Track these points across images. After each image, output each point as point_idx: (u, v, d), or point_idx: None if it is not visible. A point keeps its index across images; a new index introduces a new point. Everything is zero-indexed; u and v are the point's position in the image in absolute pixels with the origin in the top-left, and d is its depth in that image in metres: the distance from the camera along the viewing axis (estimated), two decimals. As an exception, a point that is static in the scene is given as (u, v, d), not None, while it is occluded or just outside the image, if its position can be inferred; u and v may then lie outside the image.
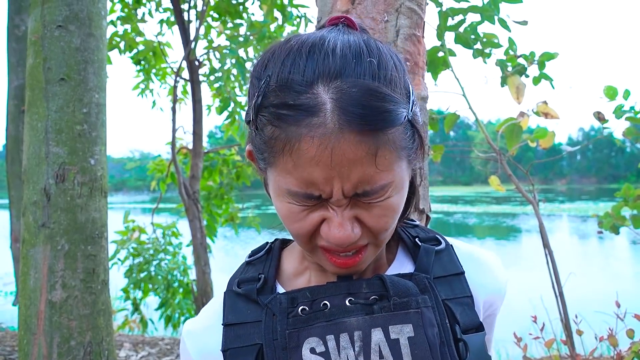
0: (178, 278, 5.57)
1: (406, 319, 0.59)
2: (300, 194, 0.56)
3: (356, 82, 0.53)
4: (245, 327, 0.63)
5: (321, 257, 0.62)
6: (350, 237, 0.57)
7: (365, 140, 0.52)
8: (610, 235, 2.92)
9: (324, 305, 0.61)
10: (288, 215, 0.59)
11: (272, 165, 0.57)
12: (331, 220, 0.57)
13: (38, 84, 1.96)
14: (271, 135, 0.55)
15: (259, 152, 0.59)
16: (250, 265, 0.72)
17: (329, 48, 0.55)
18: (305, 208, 0.58)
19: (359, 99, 0.52)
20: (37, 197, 1.91)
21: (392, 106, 0.53)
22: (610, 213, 2.88)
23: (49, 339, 1.86)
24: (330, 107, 0.52)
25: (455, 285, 0.66)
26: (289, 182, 0.56)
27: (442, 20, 2.15)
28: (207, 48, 5.15)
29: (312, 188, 0.55)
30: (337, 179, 0.54)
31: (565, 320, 2.40)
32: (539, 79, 2.37)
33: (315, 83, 0.53)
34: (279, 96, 0.54)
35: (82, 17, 1.99)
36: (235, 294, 0.67)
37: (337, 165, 0.52)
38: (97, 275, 1.97)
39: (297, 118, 0.53)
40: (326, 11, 1.21)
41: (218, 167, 5.88)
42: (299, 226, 0.59)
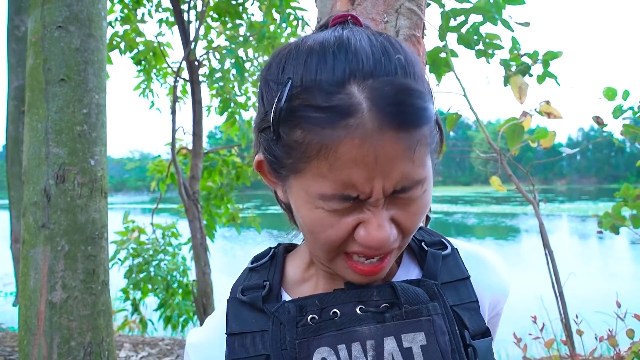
0: (177, 279, 5.57)
1: (418, 327, 0.58)
2: (337, 197, 0.54)
3: (390, 81, 0.52)
4: (249, 336, 0.61)
5: (343, 265, 0.60)
6: (390, 238, 0.55)
7: (403, 137, 0.52)
8: (610, 235, 2.92)
9: (333, 314, 0.59)
10: (318, 223, 0.56)
11: (300, 172, 0.55)
12: (369, 223, 0.55)
13: (38, 84, 1.96)
14: (301, 140, 0.52)
15: (279, 159, 0.57)
16: (254, 271, 0.69)
17: (354, 46, 0.54)
18: (337, 214, 0.55)
19: (394, 98, 0.51)
20: (37, 197, 1.91)
21: (424, 103, 0.53)
22: (610, 213, 2.88)
23: (49, 339, 1.86)
24: (367, 107, 0.51)
25: (462, 291, 0.65)
26: (323, 186, 0.53)
27: (444, 21, 2.15)
28: (206, 48, 5.15)
29: (351, 189, 0.53)
30: (378, 178, 0.52)
31: (565, 320, 2.41)
32: (544, 77, 2.37)
33: (347, 83, 0.52)
34: (307, 99, 0.52)
35: (82, 18, 1.99)
36: (239, 302, 0.64)
37: (380, 164, 0.52)
38: (97, 276, 1.97)
39: (332, 120, 0.51)
40: (326, 12, 1.21)
41: (218, 168, 5.87)
42: (331, 233, 0.56)
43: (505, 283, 0.72)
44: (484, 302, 0.68)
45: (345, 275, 0.61)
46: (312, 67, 0.53)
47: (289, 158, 0.55)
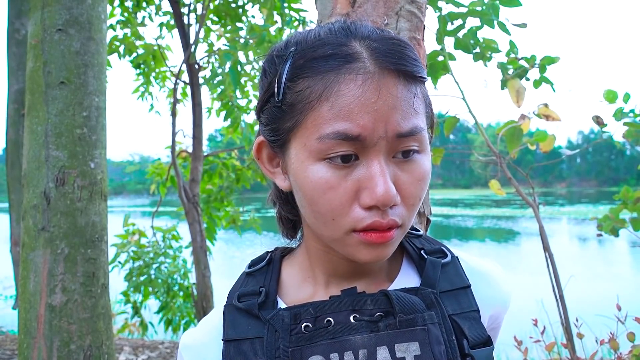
0: (178, 281, 5.56)
1: (412, 337, 0.58)
2: (337, 135, 0.53)
3: (385, 37, 0.58)
4: (246, 343, 0.61)
5: (352, 242, 0.58)
6: (392, 192, 0.54)
7: (402, 81, 0.55)
8: (610, 238, 2.92)
9: (327, 322, 0.59)
10: (321, 184, 0.56)
11: (301, 126, 0.56)
12: (373, 176, 0.54)
13: (38, 87, 1.96)
14: (305, 88, 0.55)
15: (281, 123, 0.58)
16: (251, 276, 0.69)
17: (354, 23, 0.60)
18: (336, 172, 0.55)
19: (390, 48, 0.56)
20: (37, 200, 1.91)
21: (417, 57, 0.58)
22: (610, 216, 2.88)
23: (48, 342, 1.85)
24: (367, 55, 0.55)
25: (462, 300, 0.64)
26: (326, 128, 0.54)
27: (441, 25, 2.15)
28: (207, 52, 5.16)
29: (352, 127, 0.53)
30: (380, 115, 0.54)
31: (565, 323, 2.40)
32: (540, 82, 2.38)
33: (349, 41, 0.56)
34: (311, 55, 0.56)
35: (82, 21, 2.00)
36: (235, 309, 0.64)
37: (382, 100, 0.54)
38: (97, 279, 1.97)
39: (335, 65, 0.55)
40: (326, 14, 1.21)
41: (218, 171, 5.87)
42: (333, 196, 0.56)
43: (506, 295, 0.72)
44: (485, 314, 0.67)
45: (354, 253, 0.59)
46: (316, 33, 0.59)
47: (291, 115, 0.57)
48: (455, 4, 2.10)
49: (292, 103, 0.56)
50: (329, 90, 0.54)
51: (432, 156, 0.64)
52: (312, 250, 0.68)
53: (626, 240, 12.33)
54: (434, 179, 0.64)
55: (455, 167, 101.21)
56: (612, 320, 2.17)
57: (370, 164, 0.55)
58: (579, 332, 2.27)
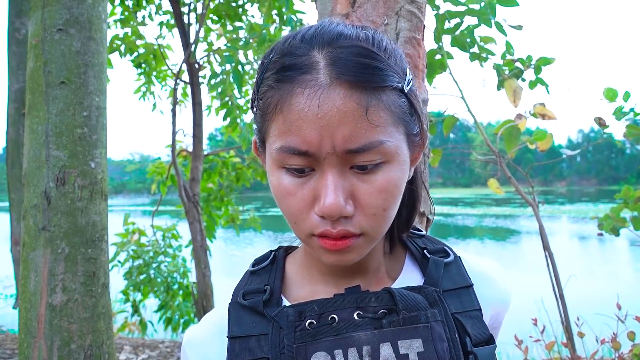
0: (178, 280, 5.56)
1: (415, 334, 0.58)
2: (290, 150, 0.55)
3: (349, 44, 0.55)
4: (250, 340, 0.62)
5: (315, 245, 0.60)
6: (339, 205, 0.54)
7: (356, 94, 0.53)
8: (610, 237, 2.92)
9: (331, 319, 0.60)
10: (280, 189, 0.58)
11: (267, 135, 0.58)
12: (322, 188, 0.55)
13: (38, 87, 1.96)
14: (269, 99, 0.57)
15: (258, 129, 0.61)
16: (255, 275, 0.70)
17: (326, 25, 0.59)
18: (296, 181, 0.57)
19: (350, 57, 0.54)
20: (38, 200, 1.91)
21: (382, 65, 0.55)
22: (610, 215, 2.88)
23: (49, 342, 1.86)
24: (323, 64, 0.54)
25: (465, 298, 0.65)
26: (280, 139, 0.56)
27: (439, 23, 2.15)
28: (207, 51, 5.16)
29: (300, 143, 0.54)
30: (326, 131, 0.53)
31: (566, 322, 2.40)
32: (535, 83, 2.38)
33: (312, 49, 0.56)
34: (276, 64, 0.57)
35: (83, 21, 2.00)
36: (240, 306, 0.65)
37: (325, 115, 0.53)
38: (98, 279, 1.97)
39: (291, 76, 0.55)
40: (326, 14, 1.21)
41: (218, 170, 5.87)
42: (291, 202, 0.58)
43: (506, 295, 0.73)
44: (486, 313, 0.68)
45: (319, 255, 0.61)
46: (286, 40, 0.58)
47: (262, 121, 0.59)
48: (453, 2, 2.10)
49: (261, 111, 0.59)
50: (282, 102, 0.55)
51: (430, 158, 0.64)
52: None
53: (626, 239, 12.33)
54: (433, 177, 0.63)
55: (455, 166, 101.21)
56: (612, 319, 2.17)
57: (322, 175, 0.56)
58: (579, 331, 2.27)
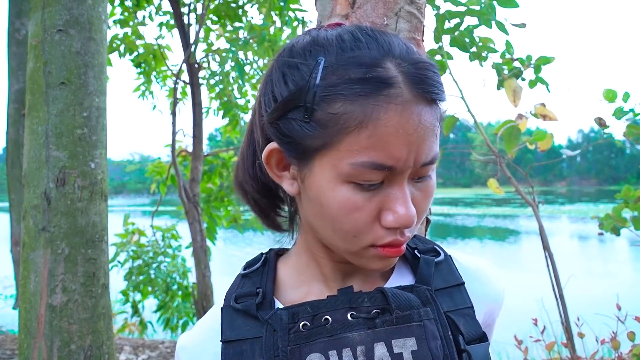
0: (177, 281, 5.56)
1: (409, 333, 0.59)
2: (372, 165, 0.54)
3: (415, 59, 0.57)
4: (244, 343, 0.62)
5: (369, 254, 0.60)
6: (414, 214, 0.57)
7: (432, 110, 0.57)
8: (610, 237, 2.92)
9: (325, 320, 0.60)
10: (347, 205, 0.56)
11: (332, 147, 0.55)
12: (397, 199, 0.57)
13: (38, 87, 1.96)
14: (341, 111, 0.54)
15: (305, 140, 0.56)
16: (247, 278, 0.69)
17: (380, 35, 0.59)
18: (362, 194, 0.56)
19: (423, 73, 0.56)
20: (38, 201, 1.91)
21: (441, 81, 0.59)
22: (611, 214, 2.88)
23: (49, 342, 1.86)
24: (402, 80, 0.55)
25: (456, 297, 0.66)
26: (359, 155, 0.54)
27: (439, 24, 2.15)
28: (206, 51, 5.16)
29: (387, 158, 0.54)
30: (414, 146, 0.55)
31: (566, 322, 2.40)
32: (535, 82, 2.38)
33: (382, 60, 0.55)
34: (345, 73, 0.54)
35: (83, 22, 2.00)
36: (233, 310, 0.65)
37: (415, 131, 0.54)
38: (97, 279, 1.97)
39: (373, 90, 0.53)
40: (325, 15, 1.21)
41: (218, 170, 5.87)
42: (358, 217, 0.57)
43: (499, 293, 0.73)
44: (479, 311, 0.68)
45: (368, 264, 0.61)
46: (346, 47, 0.56)
47: (322, 134, 0.55)
48: (454, 2, 2.10)
49: (324, 123, 0.55)
50: (368, 118, 0.53)
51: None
52: (309, 251, 0.68)
53: (626, 239, 12.32)
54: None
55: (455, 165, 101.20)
56: (612, 319, 2.17)
57: (395, 188, 0.57)
58: (579, 331, 2.27)
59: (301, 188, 0.62)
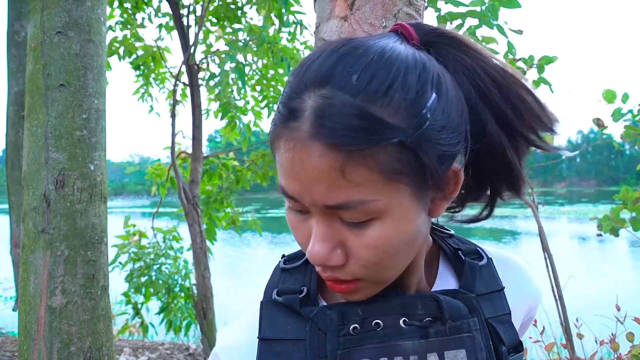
0: (179, 282, 5.56)
1: (460, 344, 0.56)
2: (283, 191, 0.54)
3: (336, 95, 0.50)
4: (284, 344, 0.58)
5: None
6: (322, 256, 0.53)
7: (333, 153, 0.49)
8: (609, 238, 2.92)
9: (376, 325, 0.57)
10: (289, 221, 0.57)
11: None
12: (312, 233, 0.54)
13: (38, 90, 1.96)
14: (270, 131, 0.56)
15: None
16: (287, 273, 0.65)
17: (333, 49, 0.53)
18: (299, 216, 0.55)
19: (333, 112, 0.49)
20: (37, 202, 1.91)
21: (366, 124, 0.48)
22: (610, 216, 2.88)
23: (48, 344, 1.86)
24: (308, 114, 0.50)
25: (497, 303, 0.64)
26: (280, 179, 0.54)
27: (440, 25, 2.15)
28: (205, 52, 5.16)
29: (288, 188, 0.53)
30: (304, 185, 0.51)
31: (565, 323, 2.40)
32: (538, 83, 2.38)
33: (307, 89, 0.51)
34: (283, 95, 0.55)
35: (82, 24, 2.00)
36: (274, 305, 0.61)
37: (302, 171, 0.50)
38: (97, 281, 1.97)
39: (282, 119, 0.52)
40: (324, 17, 1.21)
41: (218, 171, 5.87)
42: (297, 235, 0.57)
43: (538, 288, 0.73)
44: (521, 309, 0.67)
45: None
46: (303, 67, 0.54)
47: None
48: (455, 3, 2.11)
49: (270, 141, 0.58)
50: (274, 145, 0.54)
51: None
52: None
53: (626, 240, 12.32)
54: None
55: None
56: (611, 320, 2.17)
57: (313, 221, 0.54)
58: (579, 332, 2.27)
59: None
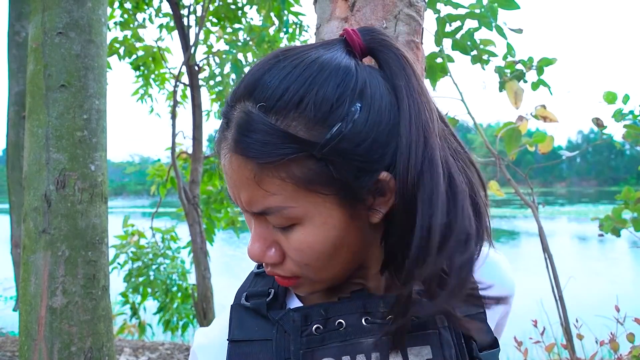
0: (177, 282, 5.56)
1: (425, 341, 0.58)
2: (228, 195, 0.60)
3: (249, 110, 0.54)
4: (252, 344, 0.60)
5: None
6: (257, 253, 0.58)
7: (247, 165, 0.54)
8: (610, 238, 2.92)
9: (339, 324, 0.59)
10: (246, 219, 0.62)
11: None
12: (251, 233, 0.59)
13: (38, 90, 1.96)
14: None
15: None
16: (260, 277, 0.68)
17: (271, 63, 0.56)
18: (246, 212, 0.60)
19: (249, 127, 0.53)
20: (38, 203, 1.91)
21: (275, 139, 0.52)
22: (611, 216, 2.88)
23: (49, 344, 1.86)
24: (233, 126, 0.55)
25: (470, 302, 0.64)
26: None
27: (439, 27, 2.16)
28: (206, 53, 5.17)
29: (229, 193, 0.59)
30: (235, 193, 0.57)
31: (565, 324, 2.40)
32: (537, 84, 2.38)
33: (238, 99, 0.55)
34: (225, 103, 0.59)
35: (83, 24, 2.00)
36: (243, 308, 0.64)
37: (231, 178, 0.56)
38: (98, 281, 1.98)
39: (220, 127, 0.58)
40: (325, 18, 1.21)
41: (218, 172, 5.87)
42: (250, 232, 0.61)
43: (511, 281, 0.73)
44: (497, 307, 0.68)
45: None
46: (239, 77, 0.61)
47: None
48: (454, 5, 2.11)
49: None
50: (216, 148, 0.59)
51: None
52: None
53: (626, 240, 12.32)
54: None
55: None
56: (612, 320, 2.17)
57: (252, 222, 0.59)
58: (579, 333, 2.27)
59: None
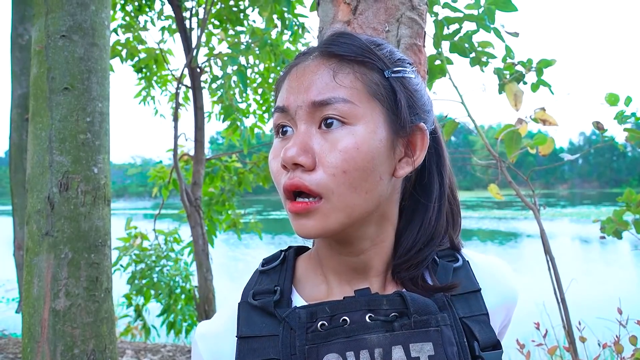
0: (180, 284, 5.55)
1: (426, 337, 0.59)
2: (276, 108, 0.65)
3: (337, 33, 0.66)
4: (260, 340, 0.62)
5: (289, 214, 0.63)
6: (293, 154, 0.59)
7: (329, 61, 0.63)
8: (612, 240, 2.92)
9: (343, 321, 0.61)
10: (271, 156, 0.65)
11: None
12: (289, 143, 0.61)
13: (42, 93, 1.97)
14: (278, 83, 0.69)
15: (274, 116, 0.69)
16: (265, 275, 0.70)
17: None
18: (281, 142, 0.64)
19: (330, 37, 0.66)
20: (41, 205, 1.92)
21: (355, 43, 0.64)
22: (613, 218, 2.87)
23: (52, 347, 1.86)
24: (314, 48, 0.66)
25: (473, 303, 0.66)
26: (277, 102, 0.66)
27: (438, 30, 2.16)
28: (208, 55, 5.18)
29: (283, 100, 0.64)
30: (301, 88, 0.62)
31: (567, 326, 2.40)
32: (537, 85, 2.38)
33: (315, 48, 0.67)
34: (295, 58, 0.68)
35: (86, 27, 2.01)
36: (250, 306, 0.65)
37: (304, 77, 0.63)
38: (101, 284, 1.98)
39: (295, 59, 0.67)
40: (327, 21, 1.22)
41: (220, 174, 5.88)
42: (274, 164, 0.64)
43: (514, 291, 0.74)
44: (499, 311, 0.69)
45: (293, 226, 0.64)
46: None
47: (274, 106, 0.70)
48: (452, 8, 2.11)
49: (274, 97, 0.70)
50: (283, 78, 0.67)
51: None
52: (320, 250, 0.70)
53: (628, 242, 12.29)
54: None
55: (456, 169, 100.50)
56: (614, 323, 2.17)
57: (292, 137, 0.63)
58: (581, 335, 2.27)
59: None
